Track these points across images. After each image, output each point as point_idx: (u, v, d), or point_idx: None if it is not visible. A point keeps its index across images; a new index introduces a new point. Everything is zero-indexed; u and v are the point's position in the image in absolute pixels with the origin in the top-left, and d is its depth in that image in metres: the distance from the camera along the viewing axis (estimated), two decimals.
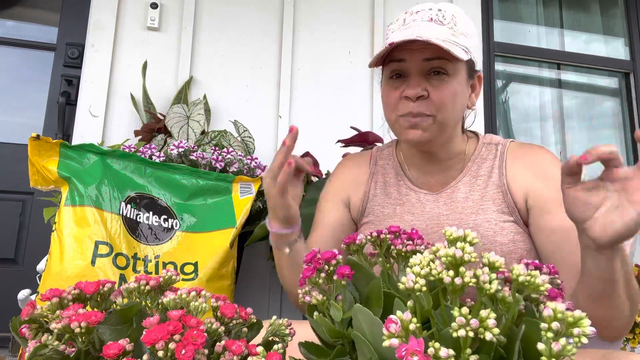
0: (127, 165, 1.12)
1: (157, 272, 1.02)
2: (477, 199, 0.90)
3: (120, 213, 1.05)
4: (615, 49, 2.80)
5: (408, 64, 0.86)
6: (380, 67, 0.95)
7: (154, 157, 1.52)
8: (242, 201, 1.16)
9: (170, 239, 1.08)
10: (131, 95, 1.98)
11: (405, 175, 0.99)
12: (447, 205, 0.92)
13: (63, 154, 1.07)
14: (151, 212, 1.09)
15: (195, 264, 1.05)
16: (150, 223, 1.08)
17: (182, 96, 1.98)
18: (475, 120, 1.08)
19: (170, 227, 1.09)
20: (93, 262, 0.98)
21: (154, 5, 2.08)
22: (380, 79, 0.99)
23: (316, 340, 0.55)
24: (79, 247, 0.99)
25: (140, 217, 1.07)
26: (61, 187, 1.07)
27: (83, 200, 1.04)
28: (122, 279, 0.99)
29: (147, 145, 1.56)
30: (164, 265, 1.04)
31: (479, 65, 0.94)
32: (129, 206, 1.07)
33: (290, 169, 0.76)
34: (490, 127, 2.40)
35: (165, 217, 1.09)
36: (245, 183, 1.20)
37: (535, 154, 0.91)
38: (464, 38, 0.86)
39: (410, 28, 0.86)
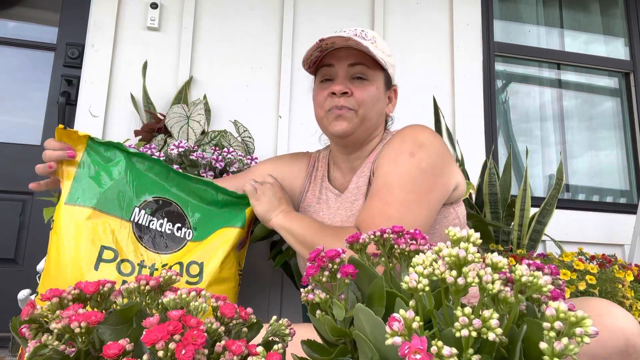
0: (152, 167, 1.09)
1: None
2: (362, 185, 1.05)
3: (132, 219, 1.02)
4: (615, 49, 2.80)
5: (336, 69, 1.04)
6: (313, 76, 1.14)
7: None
8: (250, 210, 1.13)
9: (180, 249, 1.05)
10: (131, 95, 1.98)
11: (329, 178, 1.16)
12: (343, 199, 1.08)
13: (90, 147, 1.04)
14: (166, 219, 1.06)
15: (201, 265, 1.03)
16: (163, 230, 1.05)
17: (182, 96, 1.98)
18: (473, 121, 1.12)
19: (182, 236, 1.06)
20: (96, 267, 0.96)
21: (154, 5, 2.08)
22: (312, 87, 1.17)
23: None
24: (83, 250, 0.96)
25: (153, 224, 1.04)
26: (64, 182, 1.02)
27: (93, 201, 1.00)
28: None
29: (147, 145, 1.55)
30: (170, 268, 1.01)
31: (395, 82, 1.13)
32: (142, 212, 1.04)
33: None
34: (490, 127, 2.40)
35: (180, 225, 1.07)
36: None
37: (394, 134, 1.05)
38: (381, 54, 1.02)
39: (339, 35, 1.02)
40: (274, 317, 0.56)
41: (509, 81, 2.67)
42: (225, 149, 1.60)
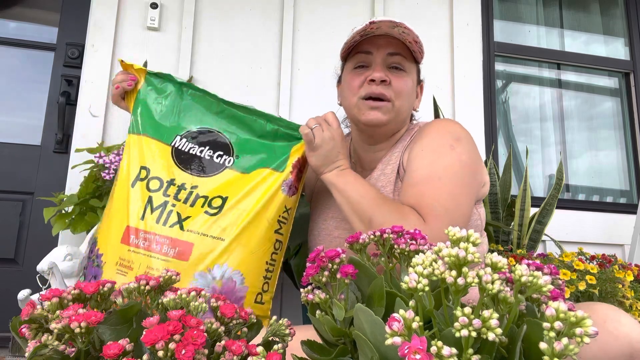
0: (201, 98, 1.10)
1: (185, 202, 0.99)
2: (389, 173, 1.03)
3: (172, 145, 1.05)
4: (615, 49, 2.80)
5: (374, 56, 1.02)
6: (341, 63, 1.14)
7: None
8: (297, 149, 1.08)
9: (216, 174, 1.03)
10: None
11: (350, 163, 1.11)
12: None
13: (147, 80, 1.10)
14: (207, 147, 1.05)
15: (225, 199, 1.00)
16: (202, 156, 1.05)
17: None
18: (473, 121, 1.15)
19: (221, 162, 1.05)
20: (133, 185, 1.01)
21: (154, 5, 2.08)
22: (338, 74, 1.17)
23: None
24: (128, 171, 1.03)
25: (193, 150, 1.05)
26: (131, 112, 1.11)
27: (141, 129, 1.06)
28: (150, 201, 0.98)
29: None
30: (197, 197, 0.99)
31: (423, 77, 1.13)
32: (184, 140, 1.06)
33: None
34: (490, 127, 2.40)
35: (221, 152, 1.05)
36: None
37: (425, 126, 1.04)
38: (417, 46, 1.02)
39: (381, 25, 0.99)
40: (274, 317, 0.56)
41: (509, 81, 2.67)
42: None
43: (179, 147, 1.05)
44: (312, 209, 1.18)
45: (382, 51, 1.01)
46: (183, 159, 1.04)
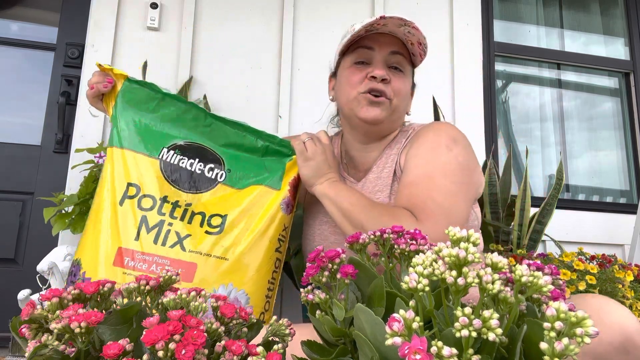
0: (188, 110, 1.05)
1: (182, 219, 0.96)
2: (385, 176, 1.03)
3: (160, 157, 1.00)
4: (615, 49, 2.80)
5: (375, 53, 1.02)
6: (337, 58, 1.12)
7: None
8: (292, 166, 1.08)
9: (209, 189, 1.01)
10: None
11: (341, 165, 1.14)
12: (364, 188, 1.05)
13: (128, 88, 1.03)
14: (197, 159, 1.02)
15: (225, 217, 0.98)
16: (193, 170, 1.01)
17: (182, 96, 1.98)
18: (473, 121, 1.16)
19: (214, 177, 1.02)
20: (121, 203, 0.96)
21: (154, 5, 2.08)
22: (332, 68, 1.16)
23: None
24: (112, 187, 0.98)
25: (183, 163, 1.01)
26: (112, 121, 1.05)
27: (123, 142, 1.01)
28: (144, 220, 0.94)
29: None
30: (193, 215, 0.97)
31: (416, 80, 1.13)
32: (171, 152, 1.01)
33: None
34: (491, 127, 2.40)
35: (212, 166, 1.03)
36: None
37: (421, 129, 1.04)
38: (421, 48, 1.03)
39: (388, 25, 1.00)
40: (274, 317, 0.56)
41: (509, 81, 2.67)
42: None
43: (167, 160, 1.01)
44: (305, 212, 1.17)
45: (384, 49, 1.01)
46: (173, 174, 1.00)
